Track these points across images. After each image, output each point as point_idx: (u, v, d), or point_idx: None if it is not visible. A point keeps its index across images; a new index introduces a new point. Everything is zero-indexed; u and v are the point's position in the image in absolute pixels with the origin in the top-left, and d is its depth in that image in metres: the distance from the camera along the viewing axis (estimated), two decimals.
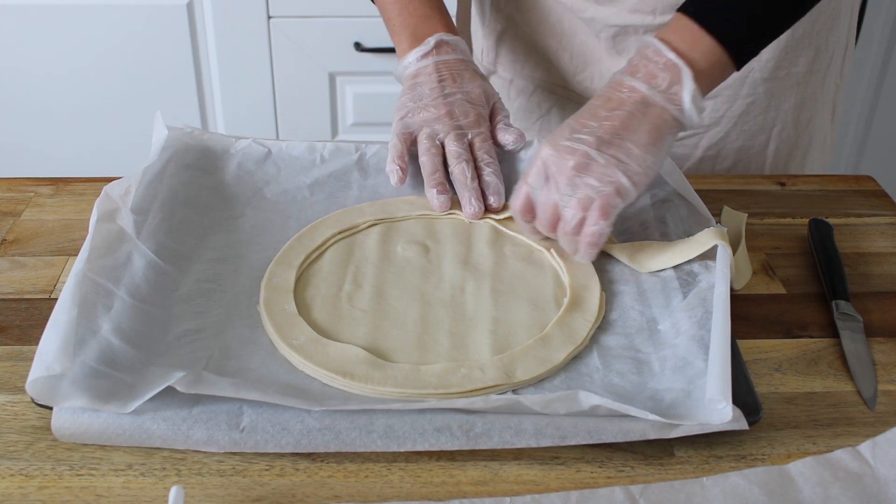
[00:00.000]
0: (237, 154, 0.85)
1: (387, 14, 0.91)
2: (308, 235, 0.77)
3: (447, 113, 0.83)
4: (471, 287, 0.72)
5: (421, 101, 0.84)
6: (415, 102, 0.85)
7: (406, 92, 0.86)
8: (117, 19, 1.72)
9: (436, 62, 0.86)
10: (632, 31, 0.94)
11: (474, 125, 0.83)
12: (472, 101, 0.85)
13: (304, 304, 0.70)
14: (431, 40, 0.86)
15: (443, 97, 0.84)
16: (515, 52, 1.03)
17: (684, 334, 0.66)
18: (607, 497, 0.56)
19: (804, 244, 0.82)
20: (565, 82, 1.02)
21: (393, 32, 0.90)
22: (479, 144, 0.83)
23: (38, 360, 0.58)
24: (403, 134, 0.83)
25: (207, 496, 0.56)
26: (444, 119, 0.83)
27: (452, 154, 0.81)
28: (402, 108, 0.85)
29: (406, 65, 0.87)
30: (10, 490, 0.56)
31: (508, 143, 0.85)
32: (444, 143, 0.82)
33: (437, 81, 0.85)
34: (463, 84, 0.85)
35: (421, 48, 0.87)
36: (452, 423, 0.59)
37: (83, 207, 0.84)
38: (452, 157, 0.81)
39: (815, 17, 0.95)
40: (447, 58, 0.86)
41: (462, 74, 0.86)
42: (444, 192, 0.80)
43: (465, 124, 0.83)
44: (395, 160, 0.81)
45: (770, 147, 1.00)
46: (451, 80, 0.85)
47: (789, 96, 0.98)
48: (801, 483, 0.57)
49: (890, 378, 0.67)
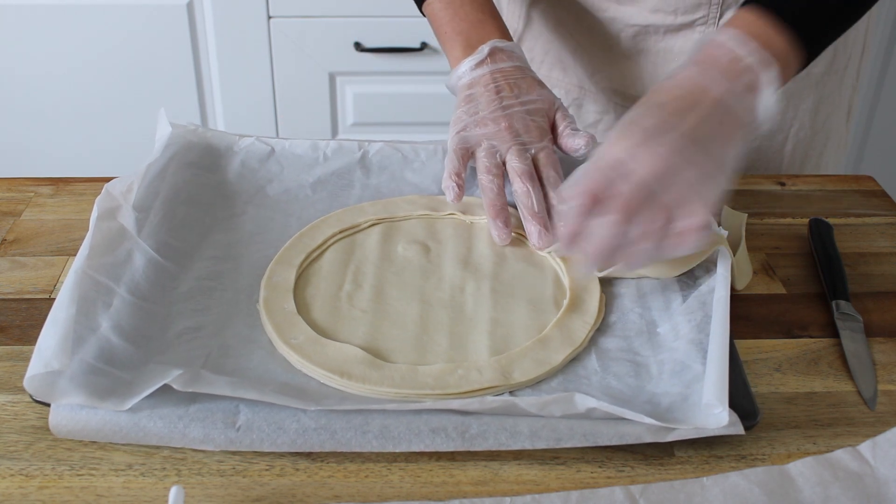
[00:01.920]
0: (240, 152, 0.85)
1: (437, 21, 0.87)
2: (309, 234, 0.77)
3: (507, 127, 0.78)
4: (470, 287, 0.72)
5: (478, 114, 0.80)
6: (471, 116, 0.80)
7: (461, 104, 0.81)
8: (117, 19, 1.72)
9: (491, 71, 0.81)
10: (652, 31, 0.94)
11: (537, 139, 0.79)
12: (533, 112, 0.80)
13: (304, 303, 0.70)
14: (485, 48, 0.82)
15: (501, 109, 0.79)
16: (533, 51, 1.03)
17: (683, 338, 0.66)
18: (607, 497, 0.56)
19: (804, 244, 0.82)
20: (583, 82, 1.02)
21: (444, 40, 0.86)
22: (544, 161, 0.78)
23: (37, 357, 0.58)
24: (460, 149, 0.78)
25: (207, 496, 0.56)
26: (505, 133, 0.78)
27: (515, 171, 0.76)
28: (459, 121, 0.80)
29: (460, 75, 0.83)
30: (10, 490, 0.56)
31: (579, 149, 0.79)
32: (504, 161, 0.78)
33: (495, 93, 0.80)
34: (521, 94, 0.80)
35: (475, 56, 0.82)
36: (448, 424, 0.59)
37: (83, 207, 0.84)
38: (515, 175, 0.76)
39: None
40: (503, 66, 0.82)
41: (519, 84, 0.81)
42: (508, 225, 0.75)
43: (528, 140, 0.78)
44: (451, 177, 0.77)
45: (787, 146, 1.01)
46: (509, 90, 0.80)
47: (807, 96, 0.98)
48: (801, 483, 0.57)
49: (890, 378, 0.67)
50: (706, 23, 0.93)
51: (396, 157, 0.86)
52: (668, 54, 0.96)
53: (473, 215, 0.80)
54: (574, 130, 0.80)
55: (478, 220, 0.80)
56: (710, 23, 0.93)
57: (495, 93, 0.80)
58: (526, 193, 0.75)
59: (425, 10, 0.89)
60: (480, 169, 0.78)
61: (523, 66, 0.83)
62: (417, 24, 1.73)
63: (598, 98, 1.02)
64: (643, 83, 0.98)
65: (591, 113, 1.03)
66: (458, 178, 0.77)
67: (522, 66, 0.83)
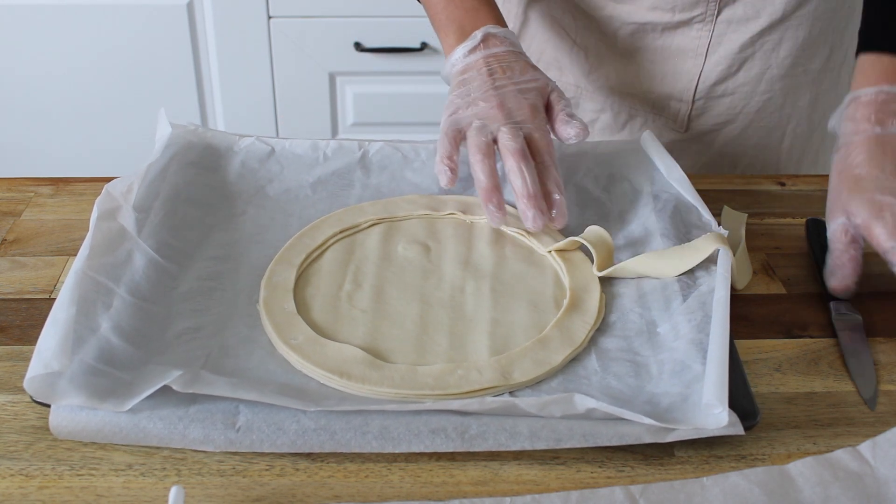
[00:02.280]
0: (241, 152, 0.85)
1: (432, 10, 0.86)
2: (309, 234, 0.77)
3: (498, 105, 0.77)
4: (470, 287, 0.72)
5: (469, 96, 0.79)
6: (463, 99, 0.79)
7: (454, 89, 0.81)
8: (117, 19, 1.72)
9: (485, 56, 0.80)
10: (650, 29, 0.94)
11: (530, 118, 0.77)
12: (526, 91, 0.79)
13: (304, 303, 0.70)
14: (478, 34, 0.81)
15: (494, 89, 0.78)
16: (529, 51, 1.03)
17: (683, 338, 0.66)
18: (607, 497, 0.56)
19: (804, 244, 0.81)
20: (579, 81, 1.02)
21: (439, 28, 0.85)
22: (538, 140, 0.76)
23: (37, 358, 0.58)
24: (452, 131, 0.77)
25: (207, 496, 0.56)
26: (496, 111, 0.77)
27: (508, 149, 0.74)
28: (451, 105, 0.80)
29: (453, 62, 0.82)
30: (10, 490, 0.56)
31: (570, 138, 0.78)
32: (496, 139, 0.76)
33: (488, 75, 0.79)
34: (514, 75, 0.79)
35: (468, 43, 0.81)
36: (447, 424, 0.59)
37: (83, 207, 0.84)
38: (507, 153, 0.74)
39: (832, 16, 0.95)
40: (496, 50, 0.81)
41: (512, 66, 0.80)
42: (502, 209, 0.74)
43: (520, 118, 0.77)
44: (443, 160, 0.75)
45: (785, 143, 1.01)
46: (502, 72, 0.79)
47: (805, 93, 0.98)
48: (801, 483, 0.57)
49: (890, 378, 0.67)
50: (704, 20, 0.93)
51: (397, 157, 0.86)
52: (666, 52, 0.96)
53: (473, 215, 0.80)
54: (568, 117, 0.79)
55: (478, 220, 0.80)
56: (707, 20, 0.93)
57: (488, 75, 0.79)
58: (518, 172, 0.73)
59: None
60: (471, 148, 0.75)
61: (517, 51, 0.82)
62: (417, 24, 1.74)
63: (595, 97, 1.02)
64: (640, 81, 0.98)
65: (587, 112, 1.03)
66: (450, 161, 0.75)
67: (516, 50, 0.82)
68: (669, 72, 0.97)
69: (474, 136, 0.75)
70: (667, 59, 0.96)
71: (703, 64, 0.95)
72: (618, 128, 1.02)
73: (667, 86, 0.98)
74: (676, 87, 0.97)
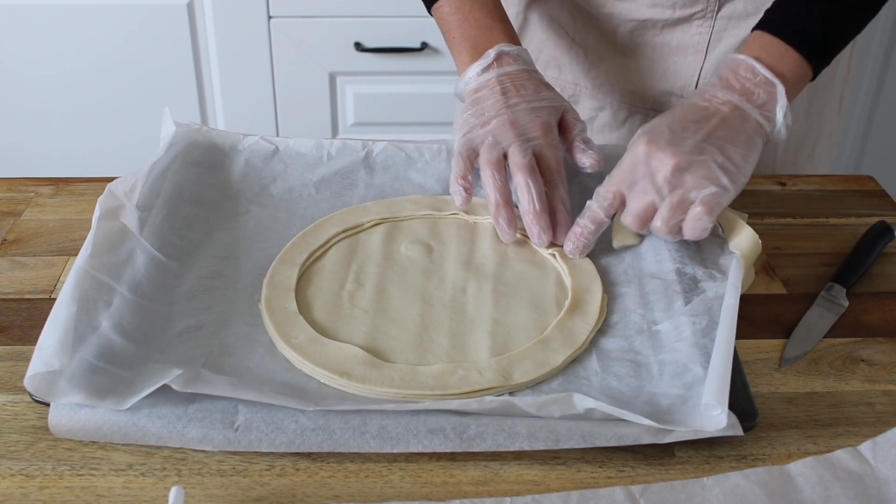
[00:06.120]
0: (244, 151, 0.85)
1: (446, 27, 0.86)
2: (312, 233, 0.77)
3: (510, 122, 0.78)
4: (472, 288, 0.72)
5: (483, 115, 0.80)
6: (477, 118, 0.80)
7: (468, 108, 0.81)
8: (117, 19, 1.72)
9: (498, 75, 0.81)
10: (650, 26, 0.94)
11: (541, 135, 0.78)
12: (538, 110, 0.80)
13: (306, 302, 0.70)
14: (492, 52, 0.82)
15: (507, 108, 0.79)
16: (530, 48, 1.03)
17: (685, 340, 0.66)
18: (607, 497, 0.56)
19: (804, 244, 0.82)
20: (578, 79, 1.02)
21: (452, 46, 0.86)
22: (548, 157, 0.77)
23: (37, 356, 0.58)
24: (466, 150, 0.78)
25: (207, 496, 0.56)
26: (508, 129, 0.78)
27: (516, 165, 0.76)
28: (465, 125, 0.80)
29: (467, 80, 0.83)
30: (10, 490, 0.56)
31: (585, 168, 0.79)
32: (507, 155, 0.77)
33: (501, 94, 0.80)
34: (527, 94, 0.80)
35: (481, 61, 0.82)
36: (446, 424, 0.59)
37: (84, 207, 0.84)
38: (515, 169, 0.75)
39: None
40: (509, 69, 0.82)
41: (526, 85, 0.81)
42: (513, 225, 0.76)
43: (531, 135, 0.78)
44: (458, 180, 0.77)
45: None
46: (515, 90, 0.80)
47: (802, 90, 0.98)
48: (801, 483, 0.57)
49: (890, 378, 0.67)
50: (704, 16, 0.93)
51: (400, 157, 0.86)
52: (666, 49, 0.96)
53: (477, 215, 0.80)
54: (584, 144, 0.80)
55: (481, 221, 0.80)
56: (708, 16, 0.93)
57: (501, 94, 0.80)
58: (525, 188, 0.74)
59: (434, 12, 0.89)
60: (482, 163, 0.77)
61: (530, 70, 0.83)
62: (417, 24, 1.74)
63: (595, 94, 1.02)
64: (640, 78, 0.98)
65: (586, 109, 1.03)
66: (464, 182, 0.77)
67: (529, 69, 0.83)
68: (669, 69, 0.97)
69: (486, 153, 0.77)
70: (667, 56, 0.96)
71: (704, 60, 0.95)
72: (617, 125, 1.02)
73: (667, 83, 0.98)
74: (676, 84, 0.97)
